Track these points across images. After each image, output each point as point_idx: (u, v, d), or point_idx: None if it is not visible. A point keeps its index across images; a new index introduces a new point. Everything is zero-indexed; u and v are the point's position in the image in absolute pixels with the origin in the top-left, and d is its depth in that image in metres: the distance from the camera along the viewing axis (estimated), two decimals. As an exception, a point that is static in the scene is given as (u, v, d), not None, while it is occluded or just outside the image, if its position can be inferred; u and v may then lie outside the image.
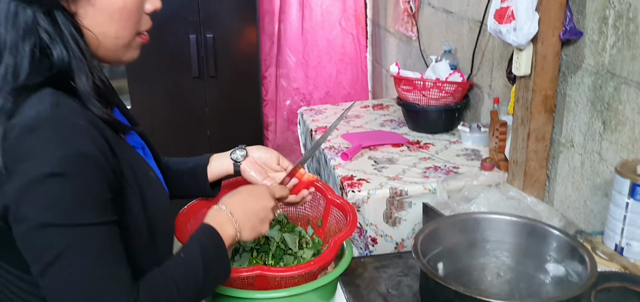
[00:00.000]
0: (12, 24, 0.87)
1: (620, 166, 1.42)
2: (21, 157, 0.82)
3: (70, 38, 0.90)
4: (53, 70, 0.89)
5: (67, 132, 0.84)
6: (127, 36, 0.97)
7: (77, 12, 0.92)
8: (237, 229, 1.06)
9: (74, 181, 0.83)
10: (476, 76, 2.42)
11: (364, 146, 2.30)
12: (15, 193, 0.82)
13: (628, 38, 1.52)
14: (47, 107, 0.84)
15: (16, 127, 0.83)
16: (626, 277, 1.30)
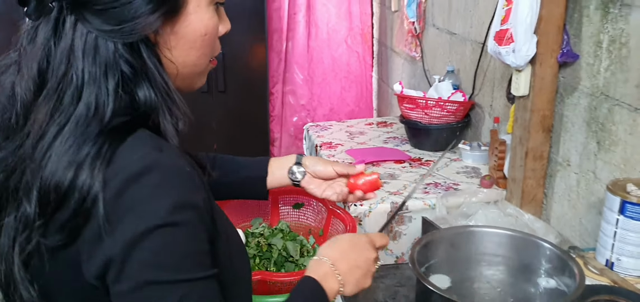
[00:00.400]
0: (92, 58, 0.80)
1: (612, 184, 1.47)
2: (126, 208, 0.74)
3: (155, 72, 0.84)
4: (139, 109, 0.82)
5: (175, 180, 0.77)
6: (204, 63, 0.93)
7: (159, 42, 0.86)
8: (341, 283, 1.02)
9: (183, 232, 0.76)
10: (477, 96, 2.48)
11: (367, 162, 2.36)
12: (120, 248, 0.74)
13: (621, 62, 1.58)
14: (150, 152, 0.77)
15: (118, 174, 0.75)
16: (614, 290, 1.35)
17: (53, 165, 0.76)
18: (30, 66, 0.81)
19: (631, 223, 1.41)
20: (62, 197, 0.76)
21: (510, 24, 1.73)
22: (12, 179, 0.82)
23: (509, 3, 1.74)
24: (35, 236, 0.78)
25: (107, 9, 0.79)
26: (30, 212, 0.78)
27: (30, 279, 0.81)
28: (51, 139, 0.77)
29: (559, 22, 1.73)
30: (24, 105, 0.82)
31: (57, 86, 0.79)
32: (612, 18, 1.60)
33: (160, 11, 0.81)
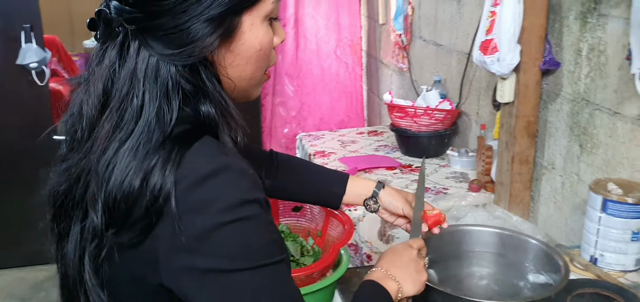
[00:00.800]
0: (153, 80, 0.84)
1: (594, 184, 1.56)
2: (198, 206, 0.79)
3: (214, 90, 0.88)
4: (201, 121, 0.87)
5: (242, 179, 0.82)
6: (260, 76, 0.97)
7: (217, 61, 0.90)
8: (397, 282, 1.06)
9: (251, 225, 0.82)
10: (464, 104, 2.57)
11: (360, 169, 2.43)
12: (194, 241, 0.79)
13: (599, 68, 1.67)
14: (217, 155, 0.83)
15: (189, 175, 0.80)
16: (598, 284, 1.43)
17: (117, 176, 0.81)
18: (97, 86, 0.87)
19: (612, 220, 1.49)
20: (132, 203, 0.81)
21: (494, 35, 1.82)
22: (76, 189, 0.88)
23: (493, 14, 1.83)
24: (106, 245, 0.84)
25: (167, 35, 0.84)
26: (97, 222, 0.83)
27: (101, 284, 0.86)
28: (112, 154, 0.82)
29: (541, 32, 1.82)
30: (89, 121, 0.87)
31: (119, 105, 0.84)
32: (591, 27, 1.69)
33: (216, 34, 0.86)
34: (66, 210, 0.90)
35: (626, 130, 1.59)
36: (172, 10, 0.83)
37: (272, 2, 0.92)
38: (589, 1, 1.69)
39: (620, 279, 1.48)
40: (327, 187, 1.36)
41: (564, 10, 1.80)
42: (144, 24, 0.84)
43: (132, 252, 0.83)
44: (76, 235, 0.88)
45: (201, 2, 0.84)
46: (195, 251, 0.80)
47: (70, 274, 0.90)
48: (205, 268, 0.80)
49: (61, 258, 0.93)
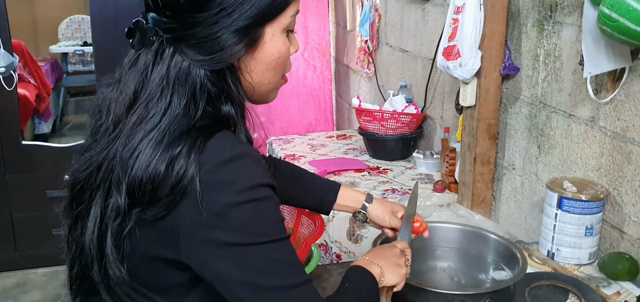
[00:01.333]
0: (183, 82, 0.95)
1: (550, 182, 1.65)
2: (221, 185, 0.90)
3: (236, 93, 1.00)
4: (221, 119, 0.98)
5: (258, 165, 0.93)
6: (278, 81, 1.08)
7: (241, 67, 1.01)
8: (381, 268, 1.16)
9: (266, 204, 0.93)
10: (429, 108, 2.66)
11: (329, 171, 2.50)
12: (216, 216, 0.89)
13: (555, 73, 1.76)
14: (237, 143, 0.94)
15: (212, 159, 0.90)
16: (554, 276, 1.52)
17: (142, 162, 0.91)
18: (129, 86, 0.97)
19: (567, 216, 1.58)
20: (157, 185, 0.90)
21: (456, 41, 1.90)
22: (97, 175, 0.97)
23: (455, 22, 1.92)
24: (129, 223, 0.93)
25: (200, 43, 0.95)
26: (120, 203, 0.92)
27: (121, 258, 0.95)
28: (138, 142, 0.92)
29: (501, 38, 1.91)
30: (116, 116, 0.97)
31: (148, 102, 0.94)
32: (547, 34, 1.79)
33: (243, 43, 0.97)
34: (86, 194, 0.99)
35: (580, 131, 1.69)
36: (205, 22, 0.94)
37: (291, 16, 1.02)
38: (545, 9, 1.79)
39: (576, 272, 1.57)
40: (320, 194, 1.48)
41: (523, 18, 1.90)
42: (179, 33, 0.95)
43: (154, 229, 0.93)
44: (96, 215, 0.96)
45: (231, 15, 0.94)
46: (216, 226, 0.90)
47: (87, 252, 0.98)
48: (224, 241, 0.90)
49: (76, 238, 1.02)
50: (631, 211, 1.53)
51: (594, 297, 1.42)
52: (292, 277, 0.94)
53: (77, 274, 1.04)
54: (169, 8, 0.94)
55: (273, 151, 3.02)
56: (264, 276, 0.92)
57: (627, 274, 1.50)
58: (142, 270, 0.98)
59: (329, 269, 1.65)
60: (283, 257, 0.94)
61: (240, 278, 0.92)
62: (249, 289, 0.92)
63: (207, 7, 0.93)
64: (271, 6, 0.97)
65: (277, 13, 0.99)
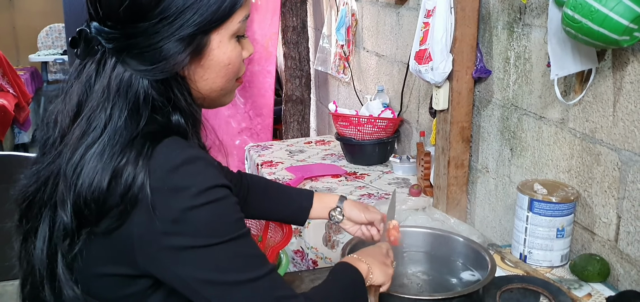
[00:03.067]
0: (124, 93, 0.93)
1: (521, 185, 1.64)
2: (172, 191, 0.88)
3: (184, 103, 0.98)
4: (169, 127, 0.95)
5: (211, 168, 0.92)
6: (230, 86, 1.05)
7: (188, 75, 0.99)
8: (368, 265, 1.16)
9: (222, 205, 0.92)
10: (405, 113, 2.65)
11: (306, 177, 2.48)
12: (171, 223, 0.88)
13: (525, 75, 1.76)
14: (187, 148, 0.92)
15: (162, 165, 0.89)
16: (525, 279, 1.51)
17: (85, 179, 0.89)
18: (72, 98, 0.96)
19: (538, 219, 1.58)
20: (102, 202, 0.88)
21: (428, 45, 1.90)
22: (44, 190, 0.95)
23: (426, 25, 1.91)
24: (79, 243, 0.91)
25: (142, 53, 0.93)
26: (67, 221, 0.91)
27: (74, 278, 0.94)
28: (79, 159, 0.90)
29: (472, 41, 1.91)
30: (61, 129, 0.96)
31: (90, 115, 0.93)
32: (517, 36, 1.79)
33: (187, 52, 0.95)
34: (33, 210, 0.97)
35: (550, 133, 1.69)
36: (146, 31, 0.92)
37: (239, 22, 1.00)
38: (514, 12, 1.79)
39: (548, 275, 1.57)
40: (295, 203, 1.47)
41: (493, 20, 1.90)
42: (120, 43, 0.93)
43: (107, 242, 0.91)
44: (45, 233, 0.95)
45: (172, 24, 0.92)
46: (173, 232, 0.89)
47: (36, 271, 0.96)
48: (183, 246, 0.89)
49: (26, 256, 1.00)
50: (601, 212, 1.54)
51: (565, 299, 1.41)
52: (257, 269, 0.94)
53: (29, 293, 1.02)
54: (110, 18, 0.92)
55: (251, 157, 3.00)
56: (229, 273, 0.92)
57: (598, 276, 1.50)
58: (96, 284, 0.96)
59: (301, 276, 1.63)
60: (245, 252, 0.94)
61: (205, 278, 0.91)
62: (215, 287, 0.92)
63: (147, 17, 0.91)
64: (215, 14, 0.95)
65: (223, 20, 0.97)
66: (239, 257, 0.93)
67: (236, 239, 0.93)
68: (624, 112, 1.42)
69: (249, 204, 1.44)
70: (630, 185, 1.43)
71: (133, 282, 0.95)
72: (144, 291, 0.96)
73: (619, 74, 1.42)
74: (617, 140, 1.45)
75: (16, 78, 5.68)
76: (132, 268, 0.93)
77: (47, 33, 7.02)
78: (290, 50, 3.80)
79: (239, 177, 1.46)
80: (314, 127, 4.29)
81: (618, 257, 1.50)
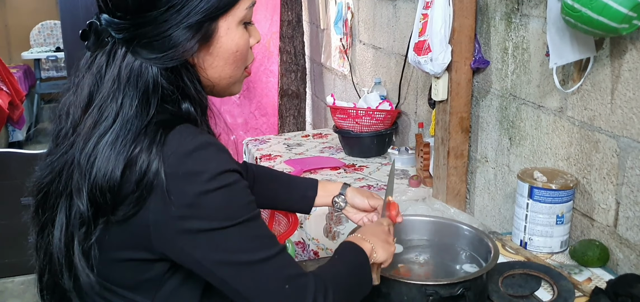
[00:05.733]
0: (135, 82, 0.95)
1: (521, 173, 1.67)
2: (187, 176, 0.90)
3: (193, 91, 1.00)
4: (180, 114, 0.98)
5: (222, 153, 0.95)
6: (239, 74, 1.07)
7: (197, 63, 1.01)
8: (371, 244, 1.18)
9: (235, 188, 0.95)
10: (403, 104, 2.68)
11: (305, 170, 2.50)
12: (187, 206, 0.90)
13: (524, 65, 1.79)
14: (199, 134, 0.95)
15: (175, 151, 0.91)
16: (527, 265, 1.54)
17: (99, 168, 0.91)
18: (83, 89, 0.98)
19: (538, 206, 1.60)
20: (118, 191, 0.91)
21: (427, 36, 1.92)
22: (59, 181, 0.97)
23: (425, 17, 1.93)
24: (96, 231, 0.94)
25: (151, 42, 0.95)
26: (83, 209, 0.93)
27: (90, 266, 0.95)
28: (92, 148, 0.92)
29: (470, 32, 1.93)
30: (73, 121, 0.98)
31: (101, 104, 0.95)
32: (515, 27, 1.81)
33: (195, 39, 0.96)
34: (50, 201, 0.99)
35: (549, 122, 1.72)
36: (155, 20, 0.94)
37: (246, 8, 1.02)
38: (512, 2, 1.81)
39: (548, 261, 1.59)
40: (300, 192, 1.48)
41: (491, 11, 1.92)
42: (130, 33, 0.95)
43: (123, 229, 0.93)
44: (62, 222, 0.96)
45: (180, 12, 0.94)
46: (188, 216, 0.91)
47: (55, 259, 0.98)
48: (198, 229, 0.92)
49: (44, 245, 1.02)
50: (600, 198, 1.56)
51: (566, 284, 1.44)
52: (268, 249, 0.97)
53: (48, 282, 1.04)
54: (119, 9, 0.94)
55: (249, 151, 3.02)
56: (242, 253, 0.94)
57: (598, 261, 1.53)
58: (113, 270, 0.98)
59: (305, 265, 1.65)
60: (257, 233, 0.97)
61: (219, 259, 0.94)
62: (229, 268, 0.94)
63: (156, 6, 0.93)
64: (222, 1, 0.97)
65: (230, 6, 0.99)
66: (251, 238, 0.96)
67: (248, 221, 0.95)
68: (623, 99, 1.45)
69: (255, 193, 1.43)
70: (629, 171, 1.45)
71: (151, 266, 0.98)
72: (162, 276, 0.98)
73: (617, 62, 1.45)
74: (616, 128, 1.48)
75: (9, 76, 5.65)
76: (150, 252, 0.95)
77: (40, 30, 6.99)
78: (286, 44, 3.81)
79: (245, 167, 1.48)
80: (310, 121, 4.30)
81: (617, 242, 1.52)
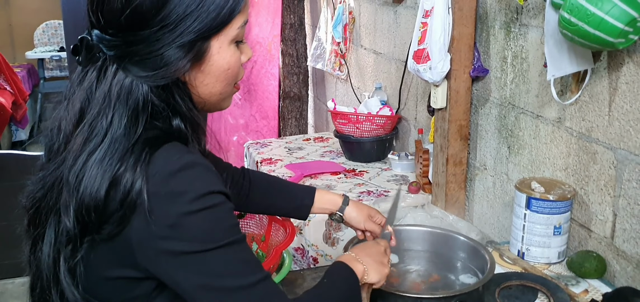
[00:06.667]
0: (125, 100, 0.94)
1: (519, 183, 1.67)
2: (170, 197, 0.90)
3: (185, 108, 0.99)
4: (170, 132, 0.97)
5: (208, 174, 0.94)
6: (229, 91, 1.07)
7: (188, 81, 1.01)
8: (364, 265, 1.17)
9: (218, 211, 0.93)
10: (403, 110, 2.68)
11: (306, 175, 2.51)
12: (168, 228, 0.90)
13: (523, 74, 1.79)
14: (185, 154, 0.94)
15: (160, 171, 0.91)
16: (524, 276, 1.54)
17: (86, 186, 0.91)
18: (75, 104, 0.97)
19: (536, 216, 1.61)
20: (103, 210, 0.91)
21: (426, 44, 1.92)
22: (50, 196, 0.98)
23: (424, 25, 1.93)
24: (81, 249, 0.94)
25: (143, 60, 0.95)
26: (70, 227, 0.93)
27: (76, 283, 0.96)
28: (81, 166, 0.92)
29: (470, 41, 1.93)
30: (65, 136, 0.98)
31: (91, 121, 0.95)
32: (514, 36, 1.81)
33: (187, 58, 0.96)
34: (41, 216, 1.00)
35: (547, 132, 1.72)
36: (147, 39, 0.94)
37: (238, 28, 1.01)
38: (511, 12, 1.81)
39: (545, 271, 1.59)
40: (298, 199, 1.49)
41: (490, 20, 1.92)
42: (122, 51, 0.95)
43: (108, 247, 0.93)
44: (51, 238, 0.97)
45: (173, 31, 0.94)
46: (169, 237, 0.90)
47: (44, 275, 0.99)
48: (179, 251, 0.91)
49: (34, 261, 1.02)
50: (597, 209, 1.56)
51: (562, 296, 1.44)
52: (252, 275, 0.96)
53: (39, 296, 1.04)
54: (111, 26, 0.94)
55: (250, 155, 3.02)
56: (224, 278, 0.94)
57: (595, 272, 1.53)
58: (101, 288, 0.98)
59: (303, 275, 1.66)
60: (240, 258, 0.96)
61: (200, 283, 0.93)
62: (210, 292, 0.93)
63: (148, 25, 0.93)
64: (215, 20, 0.97)
65: (223, 26, 0.99)
66: (234, 263, 0.95)
67: (231, 244, 0.94)
68: (620, 112, 1.45)
69: (251, 199, 1.46)
70: (626, 183, 1.45)
71: (138, 284, 0.97)
72: (150, 293, 0.98)
73: (615, 75, 1.45)
74: (613, 140, 1.48)
75: (13, 75, 5.67)
76: (136, 270, 0.95)
77: (44, 30, 7.01)
78: (288, 47, 3.82)
79: (242, 172, 1.48)
80: (312, 123, 4.31)
81: (614, 254, 1.52)
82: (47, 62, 6.71)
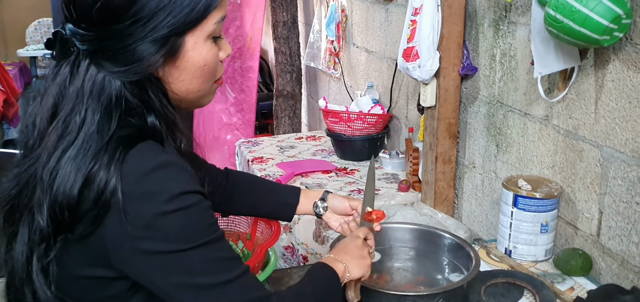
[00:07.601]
0: (97, 95, 0.93)
1: (506, 181, 1.67)
2: (144, 196, 0.89)
3: (159, 105, 0.98)
4: (144, 129, 0.96)
5: (183, 173, 0.93)
6: (207, 87, 1.05)
7: (163, 77, 0.99)
8: (345, 264, 1.17)
9: (193, 211, 0.93)
10: (394, 109, 2.68)
11: (297, 174, 2.50)
12: (143, 228, 0.89)
13: (511, 72, 1.79)
14: (160, 153, 0.93)
15: (134, 170, 0.90)
16: (510, 274, 1.54)
17: (60, 184, 0.90)
18: (48, 100, 0.96)
19: (523, 214, 1.61)
20: (75, 209, 0.90)
21: (415, 42, 1.92)
22: (25, 194, 0.96)
23: (413, 23, 1.93)
24: (54, 248, 0.93)
25: (116, 54, 0.94)
26: (43, 225, 0.92)
27: (48, 282, 0.95)
28: (55, 163, 0.91)
29: (459, 39, 1.93)
30: (39, 132, 0.97)
31: (65, 118, 0.94)
32: (502, 34, 1.81)
33: (160, 53, 0.95)
34: (16, 213, 0.98)
35: (535, 130, 1.72)
36: (120, 33, 0.93)
37: (214, 23, 1.00)
38: (500, 9, 1.81)
39: (532, 269, 1.60)
40: (282, 199, 1.48)
41: (479, 18, 1.92)
42: (94, 45, 0.94)
43: (82, 247, 0.92)
44: (24, 237, 0.96)
45: (146, 26, 0.93)
46: (144, 237, 0.90)
47: (17, 274, 0.98)
48: (154, 250, 0.91)
49: (10, 259, 1.01)
50: (583, 207, 1.57)
51: (548, 293, 1.44)
52: (229, 272, 0.96)
53: (14, 295, 1.03)
54: (84, 20, 0.93)
55: (241, 153, 3.02)
56: (201, 276, 0.93)
57: (581, 270, 1.53)
58: (75, 287, 0.97)
59: (290, 272, 1.66)
60: (218, 256, 0.95)
61: (177, 282, 0.93)
62: (188, 291, 0.93)
63: (121, 19, 0.92)
64: (189, 16, 0.96)
65: (197, 22, 0.97)
66: (210, 261, 0.94)
67: (208, 243, 0.94)
68: (606, 109, 1.45)
69: (234, 200, 1.45)
70: (612, 181, 1.46)
71: (112, 284, 0.96)
72: (124, 293, 0.97)
73: (601, 72, 1.45)
74: (599, 137, 1.48)
75: (4, 73, 5.65)
76: (110, 270, 0.94)
77: (36, 27, 6.98)
78: (281, 45, 3.81)
79: (225, 173, 1.46)
80: (305, 121, 4.30)
81: (600, 252, 1.53)
82: (39, 60, 6.69)
